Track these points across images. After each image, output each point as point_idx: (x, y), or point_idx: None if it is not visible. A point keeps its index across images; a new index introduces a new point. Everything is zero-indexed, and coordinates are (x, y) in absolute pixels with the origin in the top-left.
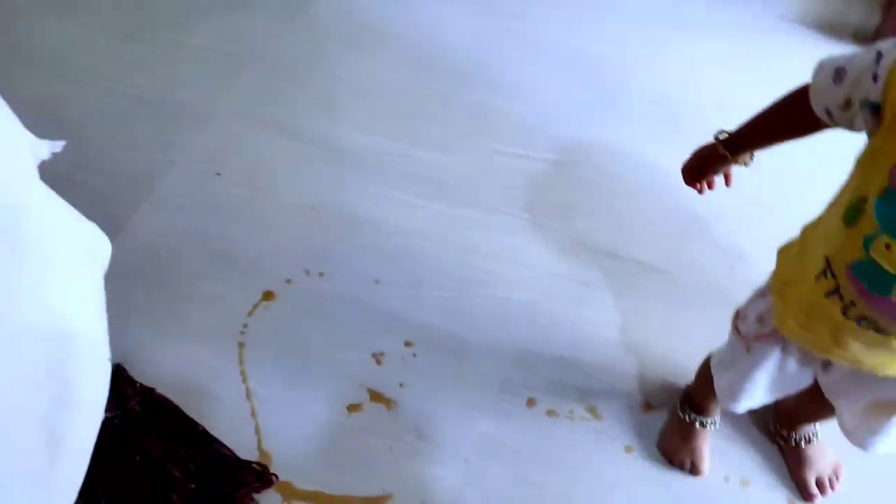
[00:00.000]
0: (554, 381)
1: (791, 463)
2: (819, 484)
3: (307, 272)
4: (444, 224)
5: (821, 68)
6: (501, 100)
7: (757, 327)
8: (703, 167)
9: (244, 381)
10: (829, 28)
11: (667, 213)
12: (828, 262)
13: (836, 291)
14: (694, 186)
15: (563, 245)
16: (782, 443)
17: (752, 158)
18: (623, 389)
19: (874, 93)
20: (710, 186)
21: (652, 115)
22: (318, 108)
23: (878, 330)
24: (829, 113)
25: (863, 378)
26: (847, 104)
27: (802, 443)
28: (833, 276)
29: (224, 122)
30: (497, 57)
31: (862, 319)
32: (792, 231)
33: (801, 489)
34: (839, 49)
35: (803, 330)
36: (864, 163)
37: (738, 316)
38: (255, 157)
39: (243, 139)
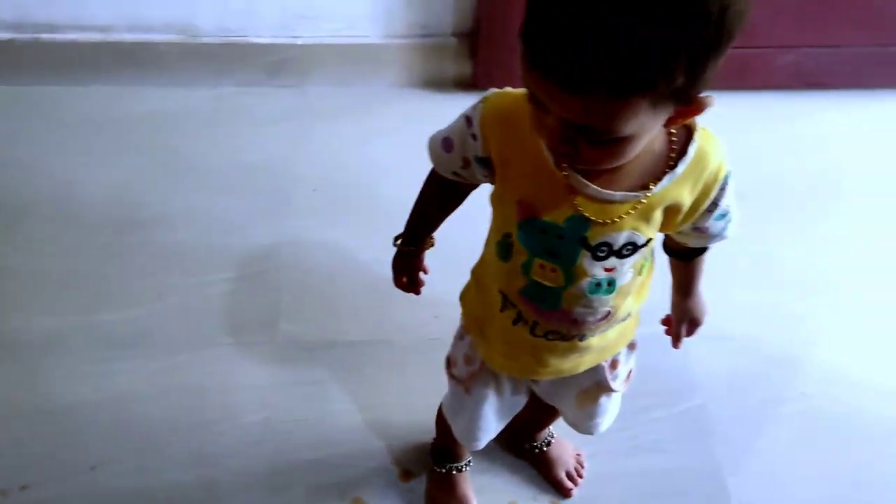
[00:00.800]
0: (311, 488)
1: (542, 469)
2: (569, 477)
3: (4, 493)
4: (154, 379)
5: (432, 143)
6: (169, 233)
7: (467, 368)
8: (404, 268)
9: None
10: (435, 84)
11: (364, 287)
12: (503, 294)
13: (519, 318)
14: (405, 287)
15: (278, 353)
16: (528, 455)
17: (433, 239)
18: (380, 468)
19: (479, 150)
20: (417, 280)
21: (321, 202)
22: None
23: (564, 338)
24: (458, 175)
25: (565, 379)
26: (466, 163)
27: (544, 447)
28: (512, 304)
29: None
30: (151, 192)
31: (549, 334)
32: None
33: (558, 487)
34: (449, 99)
35: (509, 360)
36: (496, 204)
37: (449, 363)
38: None
39: None
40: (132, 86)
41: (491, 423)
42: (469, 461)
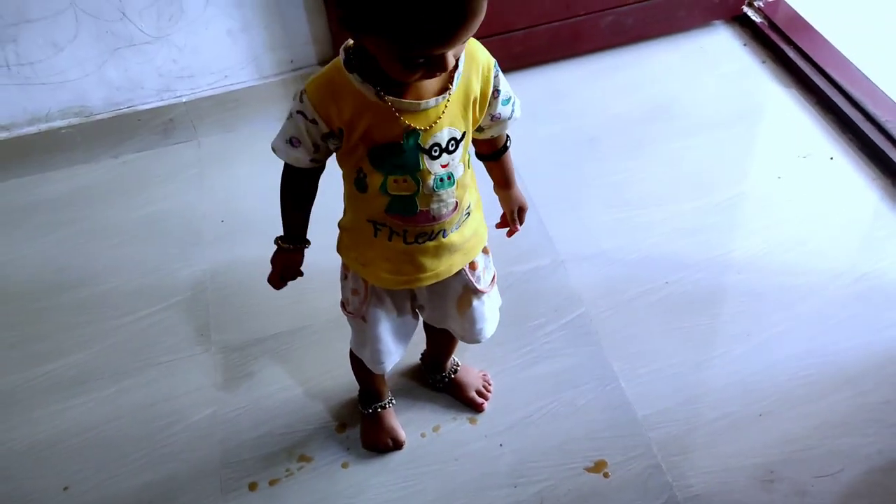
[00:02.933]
0: (261, 458)
1: (455, 394)
2: (480, 394)
3: None
4: (105, 405)
5: (280, 148)
6: (96, 286)
7: (358, 299)
8: (287, 268)
9: None
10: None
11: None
12: (372, 221)
13: (392, 232)
14: (277, 283)
15: (214, 359)
16: (441, 385)
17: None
18: (318, 427)
19: (323, 128)
20: (294, 276)
21: (228, 230)
22: None
23: (431, 237)
24: (314, 160)
25: (440, 294)
26: (316, 147)
27: (452, 375)
28: (382, 224)
29: None
30: (74, 257)
31: (419, 237)
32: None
33: (471, 405)
34: None
35: (393, 275)
36: (345, 158)
37: (343, 305)
38: None
39: None
40: (42, 172)
41: (390, 344)
42: (391, 399)
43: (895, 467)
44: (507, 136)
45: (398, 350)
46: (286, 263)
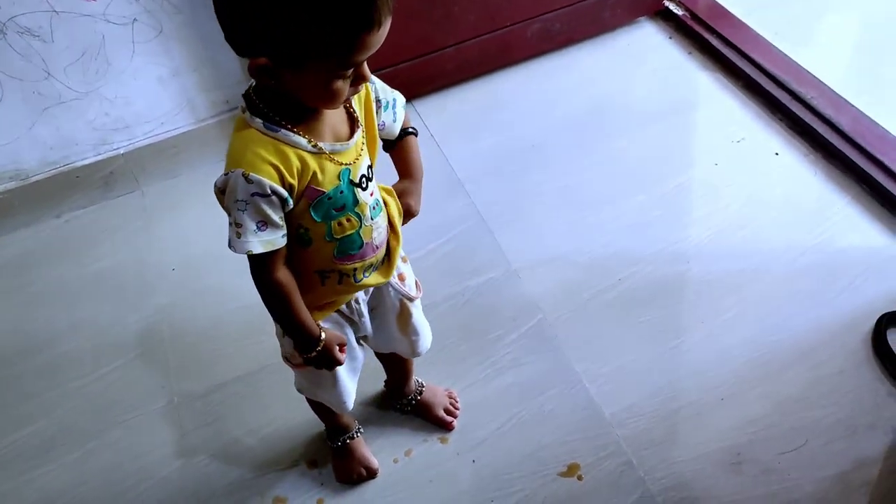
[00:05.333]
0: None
1: (423, 415)
2: (448, 413)
3: None
4: (72, 471)
5: (248, 245)
6: (54, 349)
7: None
8: (329, 361)
9: None
10: None
11: (236, 331)
12: (319, 272)
13: (342, 276)
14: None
15: (177, 410)
16: (408, 408)
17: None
18: (291, 465)
19: (282, 194)
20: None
21: (181, 277)
22: None
23: (377, 269)
24: (286, 235)
25: (380, 316)
26: (282, 219)
27: (418, 396)
28: (330, 271)
29: None
30: (29, 324)
31: (367, 270)
32: None
33: (441, 424)
34: None
35: (330, 309)
36: (293, 213)
37: (287, 360)
38: None
39: None
40: None
41: (348, 383)
42: (359, 428)
43: (854, 434)
44: (411, 127)
45: (353, 386)
46: (325, 358)
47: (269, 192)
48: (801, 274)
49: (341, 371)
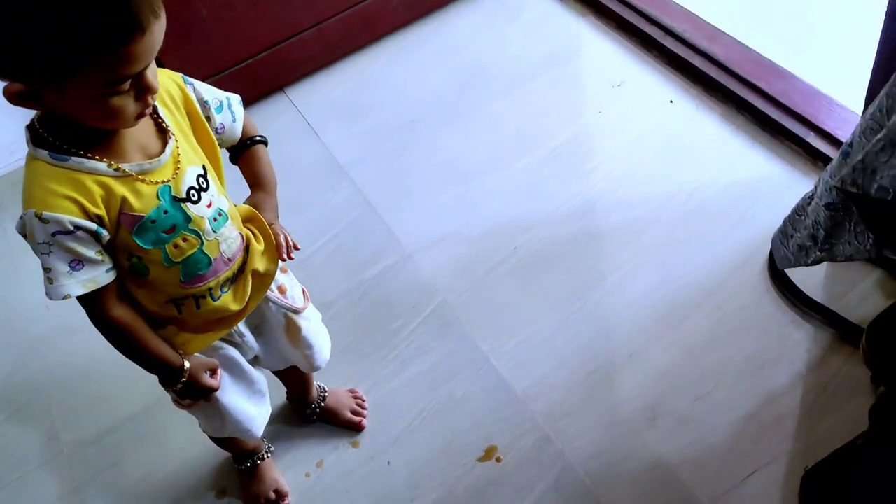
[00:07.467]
0: None
1: (331, 420)
2: (355, 413)
3: None
4: None
5: (66, 289)
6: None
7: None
8: (196, 388)
9: None
10: None
11: (116, 370)
12: (171, 300)
13: (195, 299)
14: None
15: (68, 461)
16: (314, 416)
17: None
18: (198, 499)
19: (89, 227)
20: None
21: (55, 318)
22: None
23: (234, 281)
24: (112, 268)
25: (267, 335)
26: (101, 250)
27: (322, 403)
28: (183, 297)
29: None
30: None
31: (224, 285)
32: None
33: (350, 426)
34: None
35: (204, 338)
36: (111, 250)
37: (177, 403)
38: None
39: None
40: None
41: (249, 409)
42: (269, 447)
43: (762, 369)
44: (259, 136)
45: (261, 410)
46: (194, 387)
47: (72, 227)
48: (694, 214)
49: (233, 396)
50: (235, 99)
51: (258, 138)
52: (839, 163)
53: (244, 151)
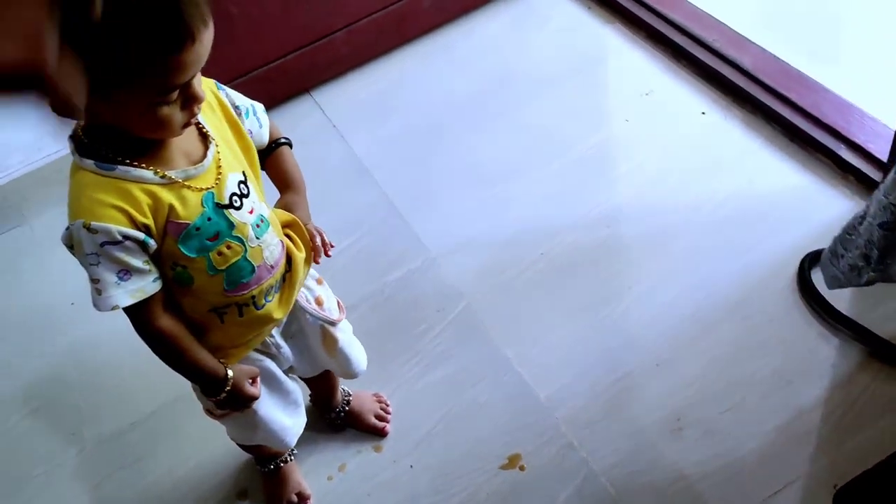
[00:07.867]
0: None
1: (354, 424)
2: (379, 418)
3: None
4: None
5: (114, 300)
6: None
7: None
8: (240, 398)
9: None
10: None
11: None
12: (214, 309)
13: (240, 307)
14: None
15: (91, 457)
16: (338, 420)
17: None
18: (220, 499)
19: (138, 237)
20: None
21: (80, 312)
22: None
23: (279, 290)
24: (159, 277)
25: (302, 346)
26: (147, 262)
27: (346, 407)
28: (226, 306)
29: None
30: None
31: (268, 294)
32: None
33: (374, 431)
34: None
35: (243, 349)
36: (156, 260)
37: (210, 413)
38: None
39: None
40: None
41: (284, 420)
42: (293, 450)
43: (791, 383)
44: (284, 138)
45: (297, 420)
46: (237, 396)
47: (120, 237)
48: (723, 224)
49: (269, 408)
50: (260, 107)
51: (283, 140)
52: (893, 181)
53: (270, 154)
